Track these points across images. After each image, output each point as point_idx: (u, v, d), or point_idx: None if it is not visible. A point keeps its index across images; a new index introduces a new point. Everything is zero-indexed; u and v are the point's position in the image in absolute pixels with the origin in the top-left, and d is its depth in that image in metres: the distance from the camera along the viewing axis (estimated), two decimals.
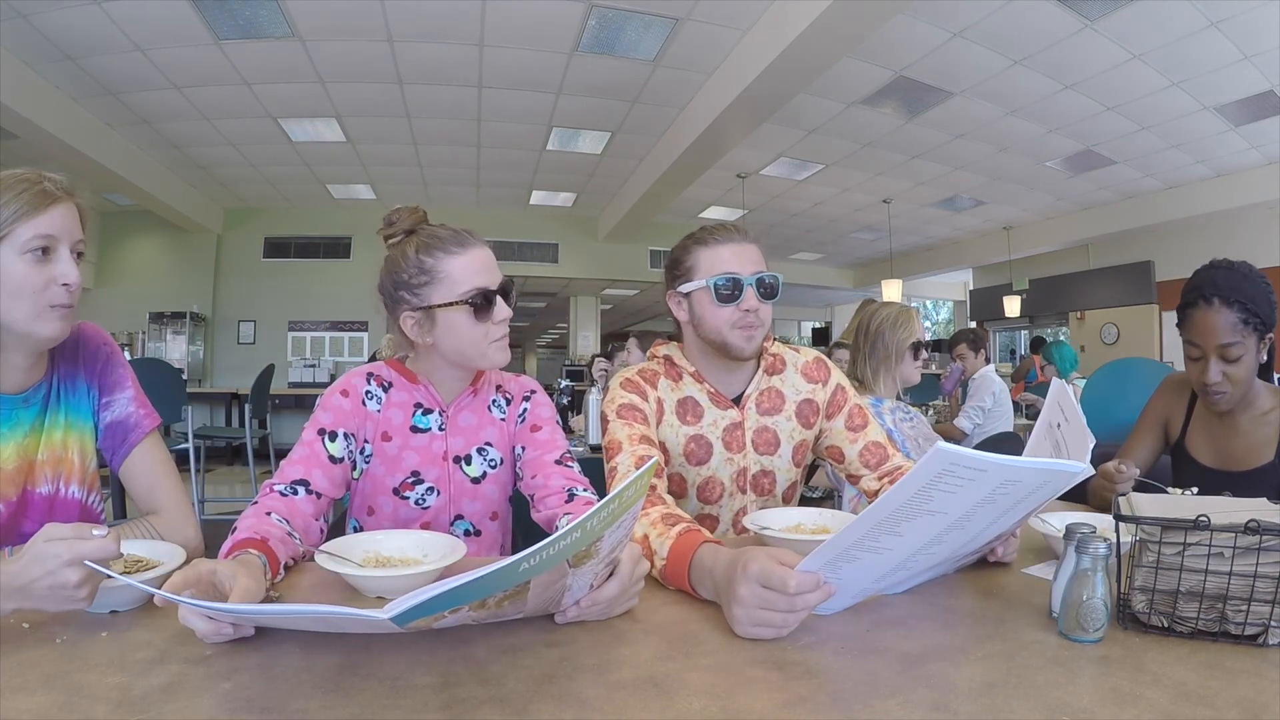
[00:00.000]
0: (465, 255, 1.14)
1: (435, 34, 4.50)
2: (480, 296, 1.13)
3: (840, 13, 3.55)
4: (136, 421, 1.10)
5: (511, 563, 0.61)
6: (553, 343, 23.22)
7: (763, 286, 1.29)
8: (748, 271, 1.28)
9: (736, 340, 1.29)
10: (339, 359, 8.59)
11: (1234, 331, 1.34)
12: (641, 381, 1.35)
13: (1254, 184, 6.73)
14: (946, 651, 0.71)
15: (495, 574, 0.61)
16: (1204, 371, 1.37)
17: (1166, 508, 0.77)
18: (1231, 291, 1.34)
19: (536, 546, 0.61)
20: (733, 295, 1.27)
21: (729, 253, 1.29)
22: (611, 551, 0.73)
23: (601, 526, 0.66)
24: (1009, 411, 3.88)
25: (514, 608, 0.71)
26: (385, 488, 1.18)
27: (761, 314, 1.29)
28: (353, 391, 1.18)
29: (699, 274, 1.30)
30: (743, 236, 1.31)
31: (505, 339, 1.18)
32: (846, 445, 1.41)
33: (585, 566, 0.71)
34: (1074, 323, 9.92)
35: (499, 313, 1.15)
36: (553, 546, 0.62)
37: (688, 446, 1.34)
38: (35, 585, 0.69)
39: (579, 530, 0.63)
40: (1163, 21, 4.19)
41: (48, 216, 0.94)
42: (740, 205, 8.15)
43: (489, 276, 1.15)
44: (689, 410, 1.35)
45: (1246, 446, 1.44)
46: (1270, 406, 1.43)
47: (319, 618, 0.67)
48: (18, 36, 4.31)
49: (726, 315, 1.28)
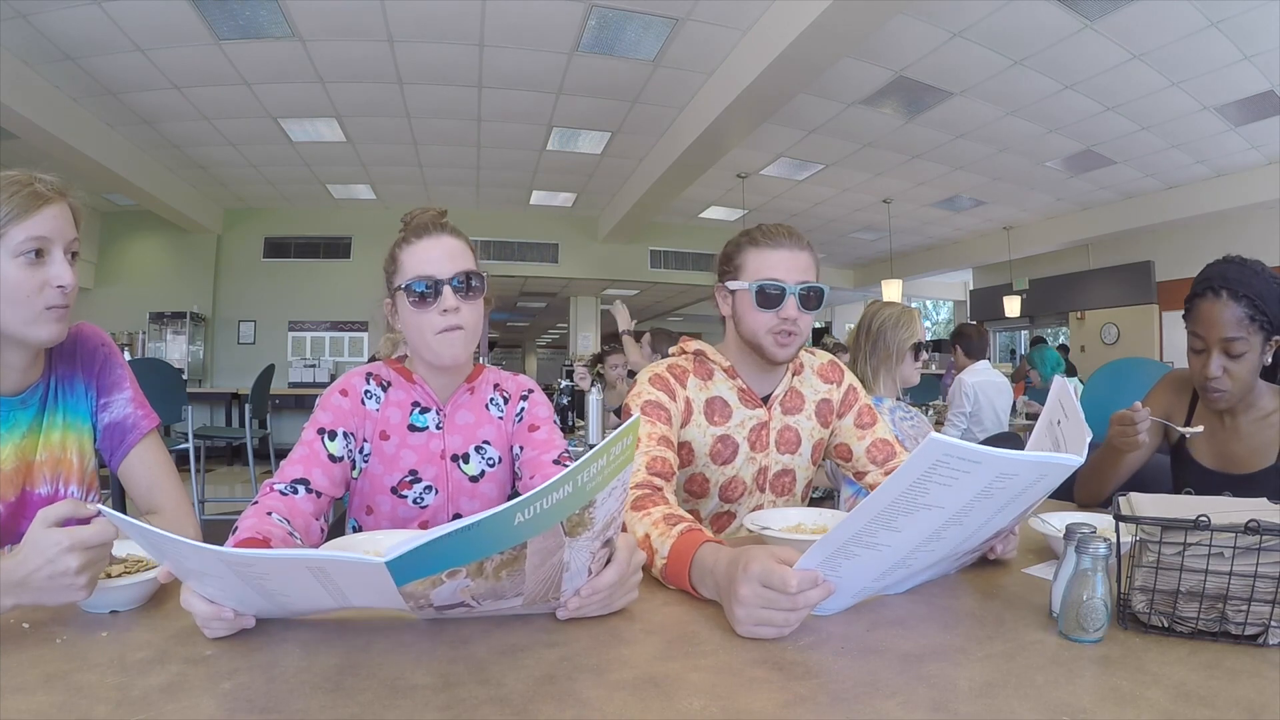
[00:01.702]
0: (420, 244, 1.14)
1: (435, 34, 4.50)
2: (419, 283, 1.11)
3: (840, 13, 3.55)
4: (135, 422, 1.10)
5: (506, 509, 0.61)
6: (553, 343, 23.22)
7: (806, 298, 1.28)
8: (793, 280, 1.27)
9: (771, 346, 1.29)
10: (339, 359, 8.58)
11: (1239, 326, 1.32)
12: (671, 379, 1.34)
13: (1254, 184, 6.72)
14: (946, 651, 0.71)
15: (491, 520, 0.61)
16: (1205, 365, 1.36)
17: (1166, 508, 0.77)
18: (1240, 285, 1.32)
19: (528, 495, 0.62)
20: (774, 302, 1.27)
21: (778, 258, 1.29)
22: (606, 526, 0.73)
23: (593, 486, 0.66)
24: (997, 409, 3.73)
25: (513, 584, 0.70)
26: (383, 487, 1.18)
27: (800, 323, 1.29)
28: (352, 391, 1.18)
29: (745, 274, 1.31)
30: (795, 243, 1.30)
31: (456, 333, 1.13)
32: (855, 442, 1.43)
33: (581, 539, 0.70)
34: (1074, 323, 9.92)
35: (441, 302, 1.11)
36: (546, 498, 0.62)
37: (714, 447, 1.35)
38: (35, 576, 0.69)
39: (570, 483, 0.63)
40: (1163, 21, 4.19)
41: (40, 218, 0.94)
42: (740, 205, 8.15)
43: (439, 266, 1.12)
44: (717, 410, 1.36)
45: (1248, 449, 1.41)
46: (1273, 408, 1.41)
47: (314, 566, 0.65)
48: (18, 36, 4.31)
49: (765, 320, 1.28)
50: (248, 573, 0.65)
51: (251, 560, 0.64)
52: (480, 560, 0.65)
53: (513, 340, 23.66)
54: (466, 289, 1.14)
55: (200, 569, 0.67)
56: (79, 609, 0.77)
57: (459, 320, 1.13)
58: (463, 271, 1.14)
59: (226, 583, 0.68)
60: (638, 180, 7.13)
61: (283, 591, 0.69)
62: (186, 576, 0.70)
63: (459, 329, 1.13)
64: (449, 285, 1.12)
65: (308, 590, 0.69)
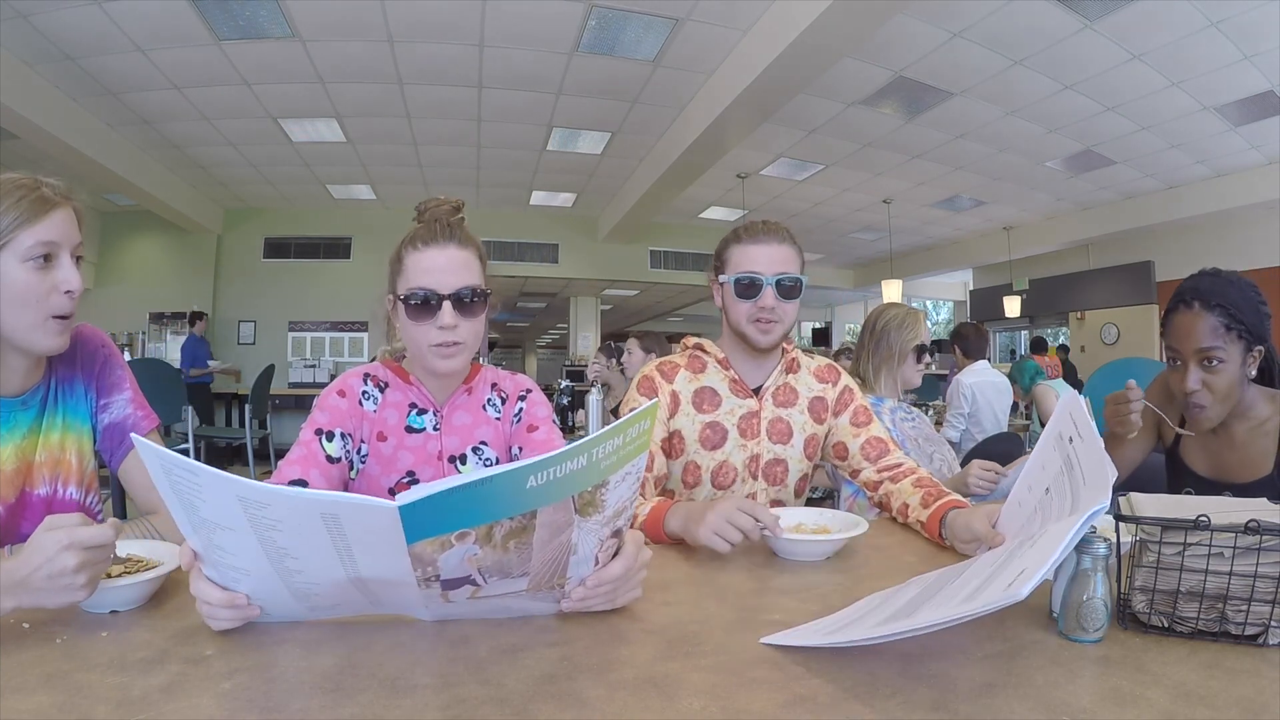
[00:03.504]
0: (427, 252, 1.11)
1: (435, 34, 4.50)
2: (419, 296, 1.09)
3: (840, 13, 3.55)
4: (135, 423, 1.10)
5: (520, 468, 0.62)
6: (553, 343, 23.22)
7: (782, 287, 1.38)
8: (769, 271, 1.38)
9: (753, 334, 1.40)
10: (339, 359, 8.59)
11: (1214, 335, 1.28)
12: (658, 379, 1.45)
13: (1254, 184, 6.72)
14: (946, 651, 0.71)
15: (504, 476, 0.62)
16: (1183, 379, 1.31)
17: (1166, 508, 0.77)
18: (1212, 295, 1.29)
19: (542, 457, 0.62)
20: (752, 292, 1.38)
21: (757, 252, 1.39)
22: (618, 514, 0.73)
23: (607, 465, 0.66)
24: (996, 409, 3.72)
25: (520, 558, 0.70)
26: (380, 488, 1.18)
27: (779, 311, 1.39)
28: (349, 391, 1.18)
29: (729, 268, 1.42)
30: (772, 237, 1.40)
31: (453, 348, 1.11)
32: (850, 439, 1.49)
33: (591, 521, 0.70)
34: (1074, 323, 9.92)
35: (439, 318, 1.09)
36: (559, 465, 0.63)
37: (703, 432, 1.43)
38: (34, 576, 0.69)
39: (584, 455, 0.64)
40: (1163, 21, 4.19)
41: (48, 223, 0.94)
42: (740, 205, 8.15)
43: (441, 279, 1.10)
44: (706, 399, 1.45)
45: (1243, 459, 1.36)
46: (1268, 415, 1.35)
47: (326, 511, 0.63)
48: (18, 36, 4.31)
49: (746, 310, 1.39)
50: (261, 518, 0.63)
51: (267, 499, 0.63)
52: (490, 524, 0.65)
53: (513, 340, 23.65)
54: (467, 305, 1.11)
55: (215, 520, 0.65)
56: (79, 609, 0.77)
57: (456, 336, 1.11)
58: (465, 287, 1.11)
59: (241, 549, 0.66)
60: (638, 180, 7.13)
61: (293, 553, 0.67)
62: (207, 552, 0.68)
63: (456, 344, 1.12)
64: (449, 301, 1.09)
65: (317, 550, 0.66)
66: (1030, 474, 0.93)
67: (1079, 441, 0.81)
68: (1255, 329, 1.29)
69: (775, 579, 0.98)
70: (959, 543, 1.09)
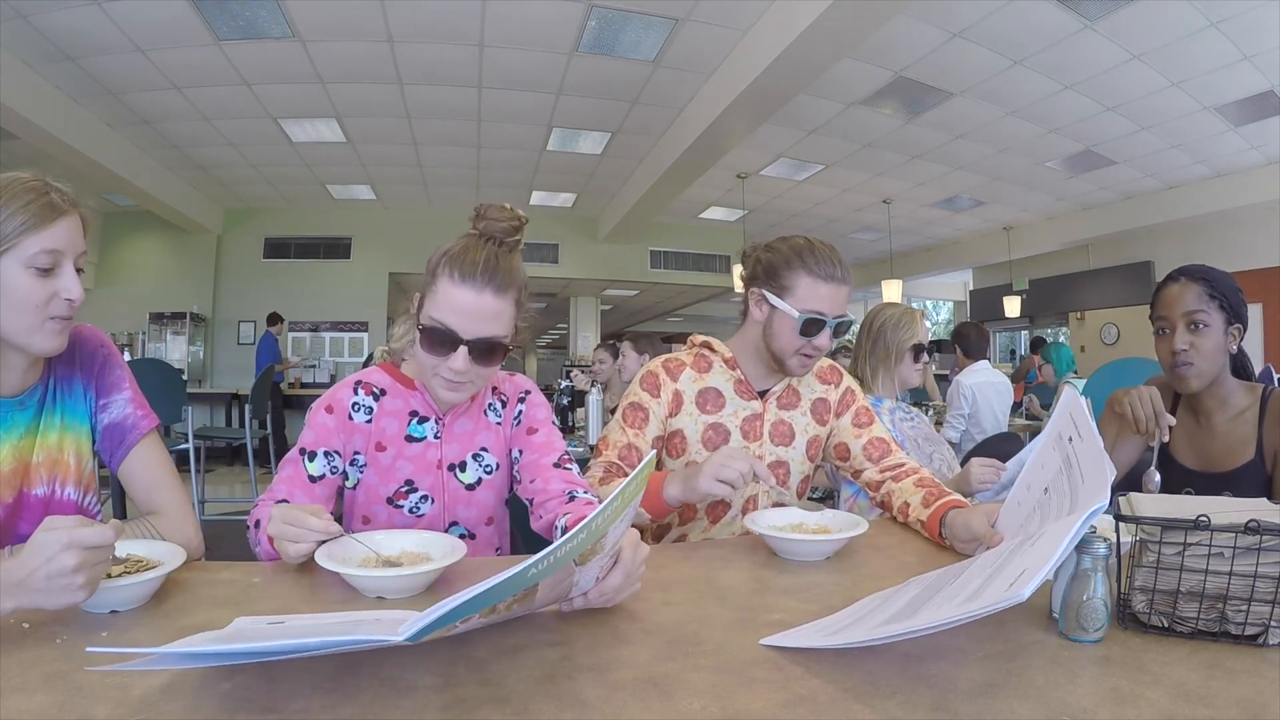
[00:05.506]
0: (462, 289, 1.05)
1: (435, 34, 4.50)
2: (438, 332, 1.05)
3: (840, 13, 3.55)
4: (134, 423, 1.10)
5: (520, 570, 0.60)
6: (553, 343, 23.21)
7: (839, 328, 1.37)
8: (833, 314, 1.35)
9: (794, 366, 1.38)
10: (339, 359, 8.59)
11: (1199, 300, 1.41)
12: (662, 375, 1.44)
13: (1254, 184, 6.72)
14: (946, 651, 0.71)
15: (506, 582, 0.60)
16: (1171, 340, 1.43)
17: (1166, 508, 0.77)
18: (1196, 272, 1.44)
19: (544, 552, 0.61)
20: (814, 332, 1.34)
21: (828, 291, 1.34)
22: (615, 545, 0.74)
23: (606, 524, 0.67)
24: (996, 410, 3.73)
25: (522, 608, 0.72)
26: (379, 497, 1.18)
27: (824, 348, 1.39)
28: (338, 407, 1.16)
29: (792, 298, 1.34)
30: (844, 280, 1.36)
31: (460, 385, 1.09)
32: (852, 440, 1.49)
33: (591, 562, 0.72)
34: (1074, 323, 9.92)
35: (452, 360, 1.06)
36: (560, 550, 0.63)
37: (706, 434, 1.42)
38: (34, 576, 0.69)
39: (584, 532, 0.64)
40: (1163, 21, 4.19)
41: (54, 230, 0.93)
42: (740, 205, 8.15)
43: (465, 323, 1.05)
44: (709, 400, 1.44)
45: (1226, 447, 1.45)
46: (1246, 405, 1.45)
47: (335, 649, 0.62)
48: (18, 36, 4.32)
49: (799, 344, 1.36)
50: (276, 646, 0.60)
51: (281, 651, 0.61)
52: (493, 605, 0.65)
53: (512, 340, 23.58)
54: (485, 354, 1.08)
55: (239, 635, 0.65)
56: (79, 609, 0.77)
57: (465, 379, 1.09)
58: (487, 338, 1.06)
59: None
60: (638, 180, 7.13)
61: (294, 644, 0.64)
62: None
63: (462, 384, 1.10)
64: (465, 346, 1.06)
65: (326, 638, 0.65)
66: (1029, 473, 0.93)
67: (1078, 441, 0.81)
68: (1234, 306, 1.42)
69: (775, 579, 0.98)
70: (958, 542, 1.09)
